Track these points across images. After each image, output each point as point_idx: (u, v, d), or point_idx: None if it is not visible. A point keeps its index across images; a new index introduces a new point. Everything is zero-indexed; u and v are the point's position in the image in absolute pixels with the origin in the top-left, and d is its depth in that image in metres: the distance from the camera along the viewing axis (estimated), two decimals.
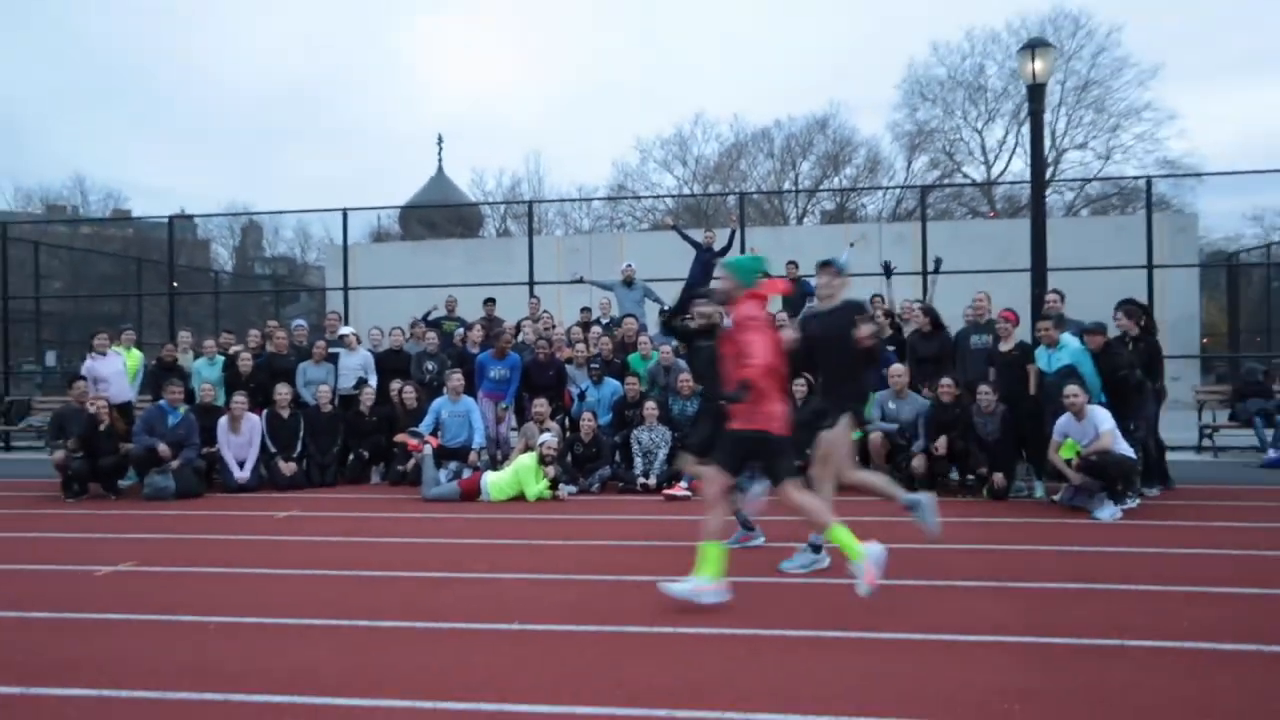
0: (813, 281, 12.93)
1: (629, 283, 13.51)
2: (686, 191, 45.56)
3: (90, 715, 3.79)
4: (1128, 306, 9.49)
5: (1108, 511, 7.86)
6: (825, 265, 6.22)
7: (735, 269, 5.50)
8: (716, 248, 13.61)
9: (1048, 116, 24.16)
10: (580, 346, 11.73)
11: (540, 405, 10.48)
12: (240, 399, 10.53)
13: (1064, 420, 8.37)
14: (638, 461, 10.06)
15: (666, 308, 13.03)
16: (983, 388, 9.08)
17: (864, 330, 5.82)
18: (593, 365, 11.14)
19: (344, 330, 12.17)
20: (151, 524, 8.40)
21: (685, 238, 14.19)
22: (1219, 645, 4.39)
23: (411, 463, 10.33)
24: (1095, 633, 4.59)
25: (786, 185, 44.85)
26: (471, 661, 4.32)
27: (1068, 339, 8.92)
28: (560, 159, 76.88)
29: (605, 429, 10.63)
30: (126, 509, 9.34)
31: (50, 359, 23.67)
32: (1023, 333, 9.77)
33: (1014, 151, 41.87)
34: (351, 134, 77.98)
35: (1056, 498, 8.65)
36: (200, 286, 28.89)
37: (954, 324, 10.52)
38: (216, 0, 75.39)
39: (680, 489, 9.35)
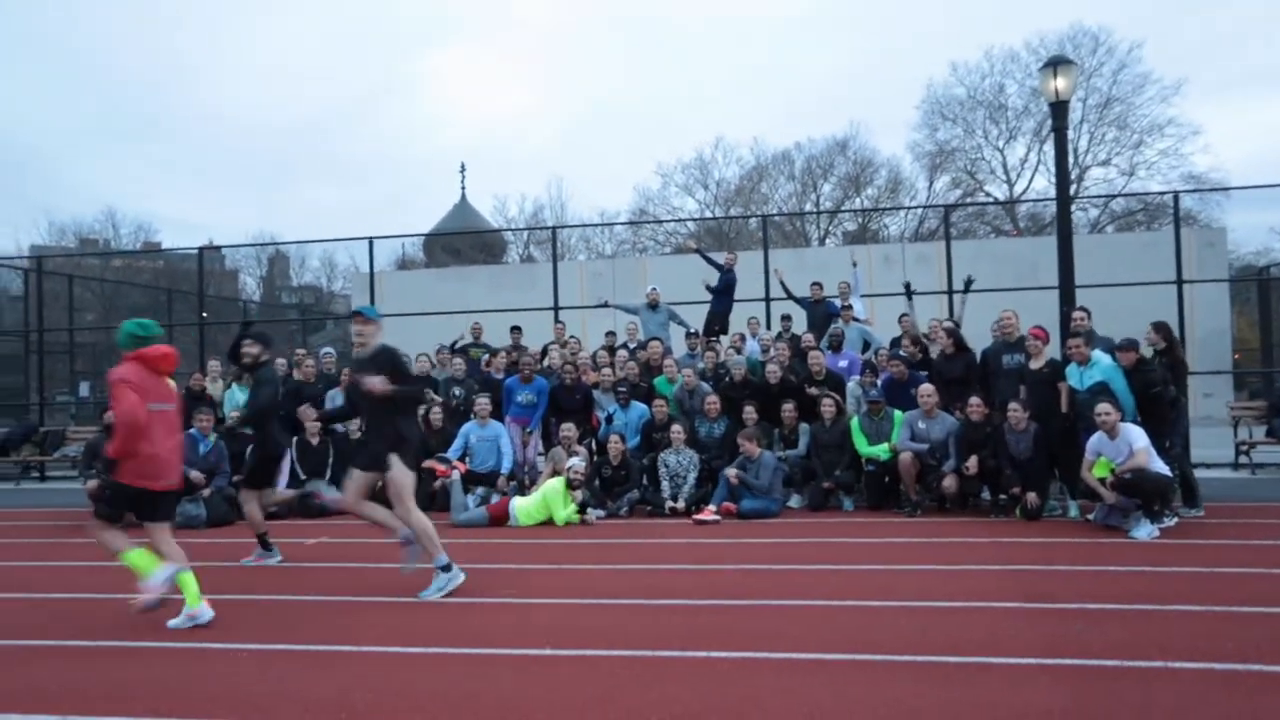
0: (837, 303, 13.02)
1: (654, 306, 13.50)
2: (708, 215, 45.69)
3: None
4: (1156, 324, 9.47)
5: (1145, 530, 7.72)
6: (356, 314, 6.38)
7: (120, 332, 5.62)
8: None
9: (1070, 134, 24.08)
10: (606, 371, 11.72)
11: (568, 429, 10.46)
12: None
13: (1097, 438, 8.25)
14: (665, 485, 10.01)
15: (692, 330, 13.03)
16: (1013, 405, 8.98)
17: (372, 383, 5.90)
18: (619, 389, 11.11)
19: None
20: (184, 552, 8.43)
21: (707, 259, 14.20)
22: (1267, 667, 4.27)
23: (437, 484, 10.33)
24: (1137, 654, 4.48)
25: (808, 207, 44.90)
26: (501, 686, 4.29)
27: (1100, 356, 8.80)
28: (582, 185, 77.41)
29: (633, 452, 10.60)
30: None
31: (84, 390, 23.96)
32: (1051, 351, 9.67)
33: (1036, 169, 41.77)
34: (375, 164, 79.15)
35: (1091, 517, 8.52)
36: (229, 316, 29.23)
37: (979, 342, 10.43)
38: (238, 34, 76.93)
39: (709, 513, 9.29)
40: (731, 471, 9.58)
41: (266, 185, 77.09)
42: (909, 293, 12.16)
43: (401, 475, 6.13)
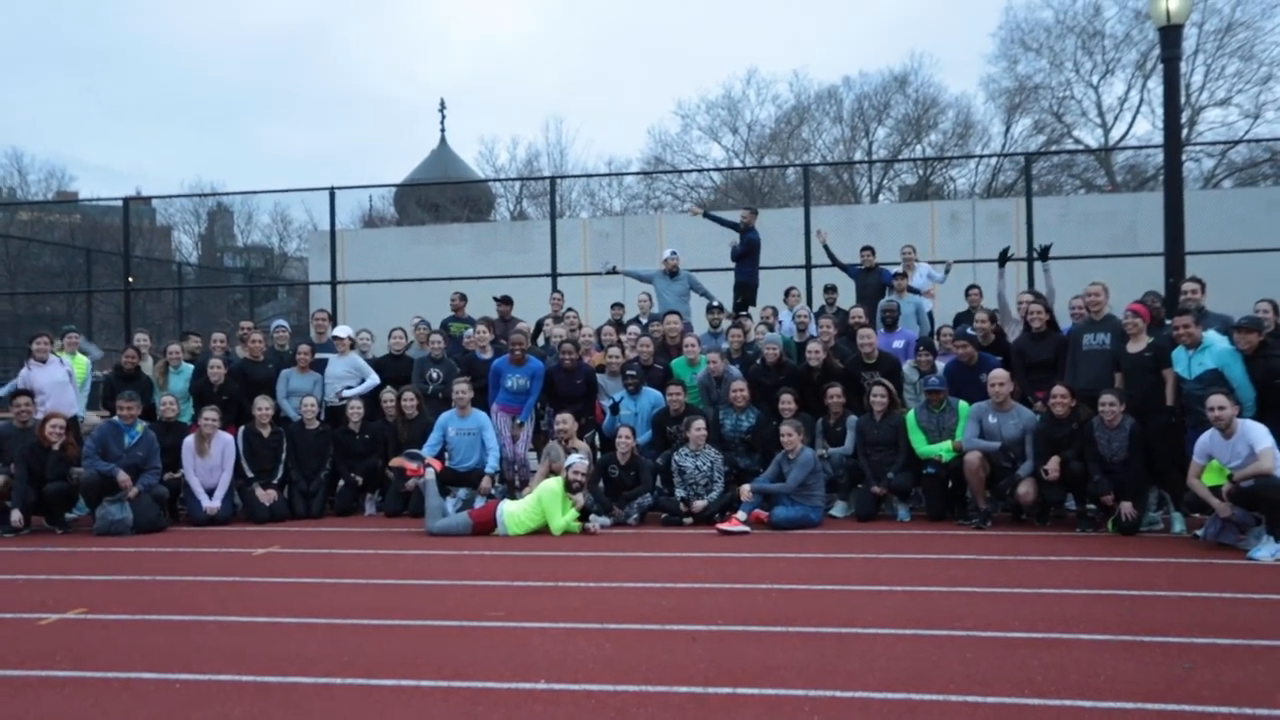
0: (892, 270, 12.94)
1: (672, 273, 13.46)
2: (737, 164, 45.50)
3: None
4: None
5: (1267, 550, 7.67)
6: None
7: None
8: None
9: (1183, 66, 23.68)
10: (614, 351, 11.70)
11: (565, 421, 10.46)
12: (211, 415, 10.61)
13: (1208, 438, 8.20)
14: (680, 493, 10.01)
15: (717, 303, 12.99)
16: (1106, 396, 8.92)
17: None
18: (629, 373, 11.09)
19: (337, 332, 12.18)
20: (105, 563, 8.50)
21: (720, 221, 14.28)
22: None
23: (409, 484, 10.36)
24: (1257, 699, 4.46)
25: (858, 156, 44.64)
26: None
27: (1214, 338, 8.73)
28: (586, 128, 77.28)
29: (645, 448, 10.60)
30: (75, 545, 9.46)
31: None
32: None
33: (1138, 111, 41.27)
34: (338, 101, 79.02)
35: (1200, 533, 8.48)
36: (161, 281, 29.30)
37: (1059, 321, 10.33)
38: None
39: (737, 522, 9.29)
40: (745, 489, 9.62)
41: (206, 125, 77.23)
42: (1003, 260, 11.72)
43: None
